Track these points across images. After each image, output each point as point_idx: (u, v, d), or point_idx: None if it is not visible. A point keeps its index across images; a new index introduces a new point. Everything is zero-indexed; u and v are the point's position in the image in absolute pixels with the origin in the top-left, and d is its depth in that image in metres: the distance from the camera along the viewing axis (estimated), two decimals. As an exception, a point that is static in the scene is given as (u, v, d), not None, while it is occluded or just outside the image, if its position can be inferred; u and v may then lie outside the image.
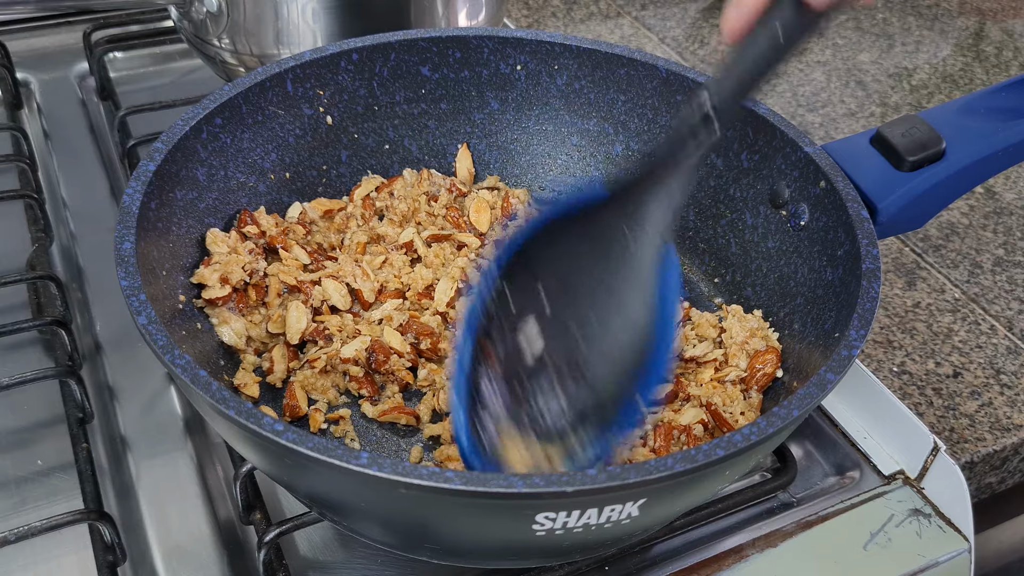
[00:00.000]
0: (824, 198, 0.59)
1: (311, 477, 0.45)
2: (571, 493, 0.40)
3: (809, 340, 0.58)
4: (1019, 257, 0.82)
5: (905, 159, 0.57)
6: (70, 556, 0.55)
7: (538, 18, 1.12)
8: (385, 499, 0.43)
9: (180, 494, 0.59)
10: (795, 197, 0.62)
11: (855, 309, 0.50)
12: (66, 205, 0.80)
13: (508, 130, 0.74)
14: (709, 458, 0.41)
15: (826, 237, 0.59)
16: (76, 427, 0.60)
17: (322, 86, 0.66)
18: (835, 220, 0.58)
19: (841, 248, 0.57)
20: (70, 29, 1.00)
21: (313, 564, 0.56)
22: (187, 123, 0.58)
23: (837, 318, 0.54)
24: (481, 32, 0.69)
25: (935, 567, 0.57)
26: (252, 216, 0.64)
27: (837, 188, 0.57)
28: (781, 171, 0.63)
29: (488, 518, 0.44)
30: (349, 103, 0.68)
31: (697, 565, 0.56)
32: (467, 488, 0.39)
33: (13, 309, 0.69)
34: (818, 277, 0.59)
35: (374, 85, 0.68)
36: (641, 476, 0.40)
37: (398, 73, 0.69)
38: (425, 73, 0.69)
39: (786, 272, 0.63)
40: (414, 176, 0.72)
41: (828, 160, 0.59)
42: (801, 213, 0.61)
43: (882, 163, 0.58)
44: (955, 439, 0.65)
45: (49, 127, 0.89)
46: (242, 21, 0.78)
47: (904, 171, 0.57)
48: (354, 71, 0.67)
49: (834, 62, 1.08)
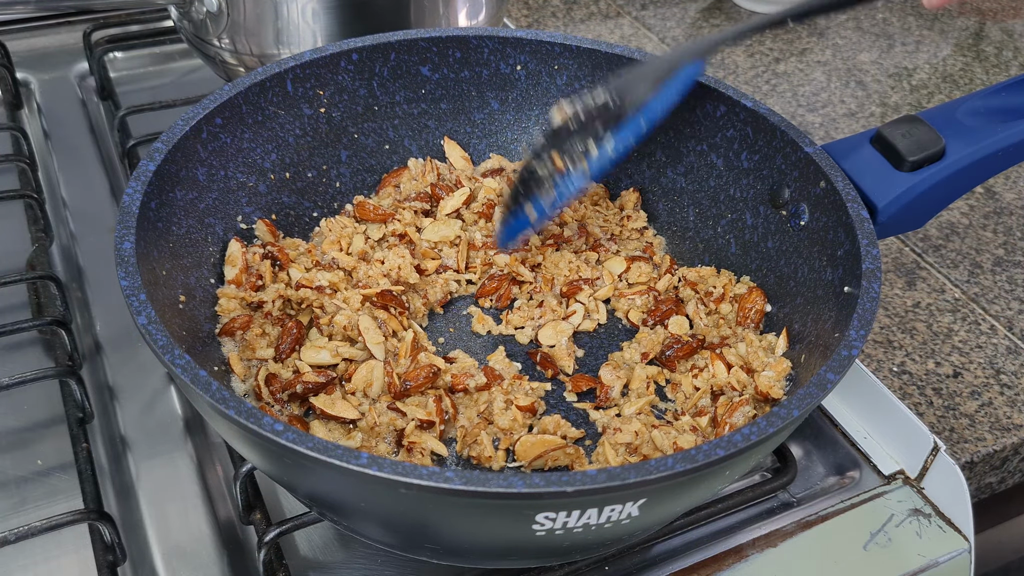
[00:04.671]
0: (824, 198, 0.59)
1: (311, 477, 0.45)
2: (571, 493, 0.40)
3: (809, 340, 0.58)
4: (1019, 257, 0.82)
5: (905, 159, 0.57)
6: (70, 556, 0.55)
7: (538, 18, 1.12)
8: (385, 499, 0.43)
9: (180, 494, 0.59)
10: (795, 197, 0.62)
11: (855, 309, 0.51)
12: (66, 205, 0.80)
13: (508, 130, 0.74)
14: (709, 458, 0.42)
15: (826, 237, 0.59)
16: (76, 427, 0.60)
17: (322, 86, 0.66)
18: (835, 220, 0.58)
19: (841, 248, 0.57)
20: (70, 29, 1.00)
21: (313, 564, 0.56)
22: (187, 123, 0.58)
23: (837, 318, 0.54)
24: (481, 32, 0.69)
25: (935, 567, 0.57)
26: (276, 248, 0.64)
27: (837, 188, 0.57)
28: (781, 171, 0.63)
29: (488, 518, 0.44)
30: (349, 103, 0.68)
31: (697, 565, 0.56)
32: (467, 488, 0.39)
33: (13, 309, 0.69)
34: (818, 277, 0.59)
35: (374, 85, 0.68)
36: (641, 476, 0.40)
37: (398, 73, 0.69)
38: (425, 73, 0.69)
39: (786, 272, 0.63)
40: (419, 166, 0.72)
41: (828, 160, 0.59)
42: (801, 213, 0.61)
43: (882, 163, 0.58)
44: (955, 439, 0.65)
45: (49, 127, 0.89)
46: (242, 21, 0.78)
47: (904, 171, 0.57)
48: (354, 71, 0.67)
49: (834, 62, 1.08)
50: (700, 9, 1.16)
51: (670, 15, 1.14)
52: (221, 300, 0.60)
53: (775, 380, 0.58)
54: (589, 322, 0.66)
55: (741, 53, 1.08)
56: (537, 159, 0.61)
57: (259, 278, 0.62)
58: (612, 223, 0.71)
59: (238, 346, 0.59)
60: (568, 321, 0.65)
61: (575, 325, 0.65)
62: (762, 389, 0.58)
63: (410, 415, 0.56)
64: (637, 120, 0.59)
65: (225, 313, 0.60)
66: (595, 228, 0.70)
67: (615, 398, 0.60)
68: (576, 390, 0.61)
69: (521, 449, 0.56)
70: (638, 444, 0.56)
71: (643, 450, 0.56)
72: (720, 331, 0.63)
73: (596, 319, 0.66)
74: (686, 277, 0.67)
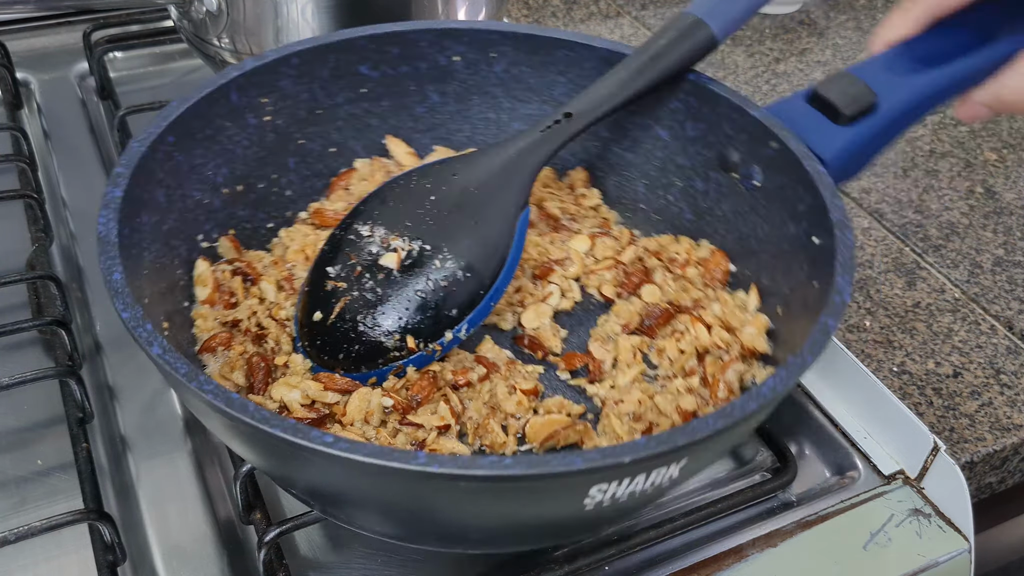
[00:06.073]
0: (777, 158, 0.60)
1: (362, 483, 0.44)
2: (628, 463, 0.41)
3: (782, 293, 0.59)
4: (1019, 257, 0.82)
5: (842, 113, 0.60)
6: (70, 556, 0.55)
7: (538, 18, 1.12)
8: (436, 496, 0.43)
9: (180, 494, 0.59)
10: (746, 160, 0.63)
11: (836, 257, 0.53)
12: (66, 205, 0.80)
13: (450, 121, 0.73)
14: (745, 412, 0.43)
15: (784, 194, 0.60)
16: (76, 427, 0.60)
17: (265, 94, 0.64)
18: (792, 178, 0.59)
19: (802, 203, 0.58)
20: (70, 29, 1.00)
21: (313, 564, 0.56)
22: (143, 144, 0.56)
23: (811, 268, 0.56)
24: (418, 26, 0.68)
25: (935, 567, 0.57)
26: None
27: (791, 147, 0.59)
28: (728, 136, 0.64)
29: (543, 499, 0.44)
30: (292, 108, 0.66)
31: (697, 565, 0.56)
32: (530, 472, 0.40)
33: (13, 309, 0.69)
34: (780, 233, 0.61)
35: (315, 88, 0.67)
36: (689, 438, 0.42)
37: (338, 74, 0.67)
38: (365, 72, 0.68)
39: (745, 232, 0.64)
40: (367, 166, 0.70)
41: (776, 122, 0.61)
42: (754, 174, 0.63)
43: (821, 119, 0.61)
44: (955, 439, 0.65)
45: (49, 127, 0.89)
46: (242, 20, 0.78)
47: (841, 125, 0.60)
48: (295, 76, 0.65)
49: (834, 62, 1.08)
50: (700, 9, 1.16)
51: (670, 15, 1.14)
52: (198, 321, 0.59)
53: (757, 335, 0.60)
54: (566, 301, 0.66)
55: (741, 53, 1.08)
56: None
57: (231, 295, 0.61)
58: (568, 203, 0.72)
59: (219, 362, 0.58)
60: (547, 303, 0.65)
61: (554, 306, 0.66)
62: (748, 345, 0.59)
63: (428, 425, 0.56)
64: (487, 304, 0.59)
65: (203, 333, 0.59)
66: (554, 209, 0.71)
67: (608, 371, 0.61)
68: (569, 368, 0.62)
69: (531, 431, 0.57)
70: (642, 412, 0.58)
71: (648, 417, 0.57)
72: (691, 295, 0.65)
73: (572, 297, 0.67)
74: (647, 247, 0.69)
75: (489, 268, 0.59)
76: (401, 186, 0.63)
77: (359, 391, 0.56)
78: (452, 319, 0.58)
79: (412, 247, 0.59)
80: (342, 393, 0.56)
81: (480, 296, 0.59)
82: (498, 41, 0.69)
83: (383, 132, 0.71)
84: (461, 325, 0.58)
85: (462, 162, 0.64)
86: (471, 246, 0.59)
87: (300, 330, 0.59)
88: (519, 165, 0.61)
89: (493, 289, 0.59)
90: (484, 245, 0.60)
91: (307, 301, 0.60)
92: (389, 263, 0.59)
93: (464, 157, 0.64)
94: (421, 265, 0.59)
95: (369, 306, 0.58)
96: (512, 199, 0.61)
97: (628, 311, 0.64)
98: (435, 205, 0.61)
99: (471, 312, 0.59)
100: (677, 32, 0.63)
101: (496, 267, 0.59)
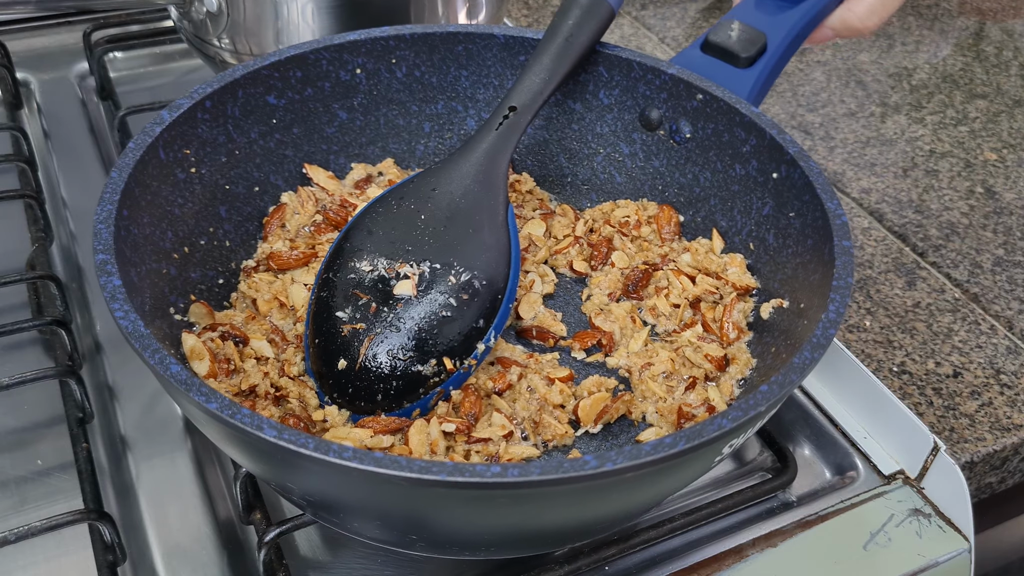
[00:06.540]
0: (704, 108, 0.63)
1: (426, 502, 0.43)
2: (753, 416, 0.43)
3: (748, 230, 0.63)
4: (1019, 257, 0.82)
5: (740, 57, 0.65)
6: (70, 556, 0.55)
7: (538, 18, 1.12)
8: (515, 505, 0.42)
9: (180, 494, 0.59)
10: (670, 116, 0.66)
11: (812, 188, 0.55)
12: (66, 205, 0.80)
13: (362, 136, 0.72)
14: (804, 372, 0.46)
15: (721, 140, 0.64)
16: (76, 427, 0.60)
17: (187, 144, 0.62)
18: (725, 123, 0.62)
19: (746, 145, 0.62)
20: (70, 29, 1.00)
21: (313, 564, 0.56)
22: (108, 224, 0.52)
23: (778, 202, 0.59)
24: (316, 45, 0.67)
25: (935, 567, 0.57)
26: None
27: (718, 96, 0.63)
28: (647, 97, 0.67)
29: (683, 470, 0.46)
30: (212, 155, 0.64)
31: (697, 565, 0.56)
32: (657, 456, 0.41)
33: (13, 309, 0.69)
34: (726, 175, 0.64)
35: (229, 128, 0.65)
36: (768, 403, 0.44)
37: (248, 109, 0.66)
38: (272, 102, 0.67)
39: (685, 182, 0.67)
40: (294, 199, 0.68)
41: (695, 75, 0.64)
42: (683, 129, 0.66)
43: (724, 66, 0.65)
44: (955, 439, 0.65)
45: (49, 127, 0.89)
46: (242, 21, 0.78)
47: (742, 68, 0.65)
48: (210, 119, 0.63)
49: (834, 62, 1.08)
50: (700, 9, 1.16)
51: (670, 15, 1.14)
52: None
53: (741, 273, 0.63)
54: (547, 285, 0.67)
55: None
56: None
57: (228, 362, 0.57)
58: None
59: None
60: (533, 291, 0.66)
61: (540, 292, 0.66)
62: (739, 284, 0.62)
63: (495, 437, 0.55)
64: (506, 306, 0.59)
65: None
66: None
67: (619, 340, 0.63)
68: (583, 347, 0.63)
69: (583, 413, 0.57)
70: (674, 369, 0.59)
71: (681, 372, 0.59)
72: (656, 252, 0.67)
73: (550, 280, 0.67)
74: (593, 217, 0.70)
75: (500, 271, 0.59)
76: (382, 213, 0.62)
77: (414, 426, 0.54)
78: (480, 330, 0.57)
79: (423, 269, 0.58)
80: (393, 433, 0.54)
81: (499, 300, 0.58)
82: (396, 46, 0.69)
83: (299, 161, 0.70)
84: (488, 334, 0.58)
85: (435, 175, 0.63)
86: (477, 254, 0.59)
87: (323, 384, 0.56)
88: (490, 165, 0.62)
89: (508, 290, 0.59)
90: (488, 250, 0.60)
91: (322, 353, 0.57)
92: (405, 291, 0.57)
93: (434, 170, 0.64)
94: (437, 284, 0.58)
95: (397, 339, 0.56)
96: (497, 199, 0.61)
97: (609, 280, 0.66)
98: (427, 223, 0.61)
99: (495, 318, 0.58)
100: (581, 10, 0.65)
101: (505, 268, 0.59)
